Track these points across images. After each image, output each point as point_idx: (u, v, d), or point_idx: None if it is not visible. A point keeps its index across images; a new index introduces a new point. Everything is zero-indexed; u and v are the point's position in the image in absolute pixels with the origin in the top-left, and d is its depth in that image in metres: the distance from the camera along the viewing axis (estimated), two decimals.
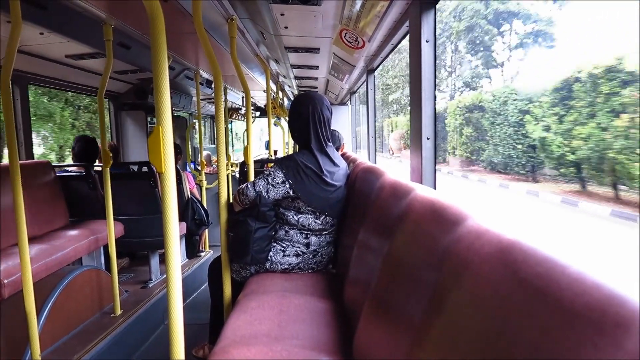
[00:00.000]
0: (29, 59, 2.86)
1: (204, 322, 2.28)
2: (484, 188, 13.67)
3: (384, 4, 1.97)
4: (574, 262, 0.56)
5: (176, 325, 1.09)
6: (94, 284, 2.52)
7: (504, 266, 0.65)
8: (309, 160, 1.90)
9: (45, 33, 2.28)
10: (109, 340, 2.28)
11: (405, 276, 1.03)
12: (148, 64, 3.24)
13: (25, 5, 1.73)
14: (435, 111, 1.77)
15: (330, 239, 2.03)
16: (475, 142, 16.12)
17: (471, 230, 0.80)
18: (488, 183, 14.12)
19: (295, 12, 2.30)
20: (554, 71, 17.10)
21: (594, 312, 0.48)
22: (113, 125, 4.63)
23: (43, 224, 2.65)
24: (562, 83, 10.38)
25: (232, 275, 2.05)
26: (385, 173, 1.64)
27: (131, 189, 3.08)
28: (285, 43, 3.06)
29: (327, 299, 1.72)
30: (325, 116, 1.95)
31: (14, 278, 1.93)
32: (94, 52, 2.82)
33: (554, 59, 21.08)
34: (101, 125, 2.42)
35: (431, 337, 0.80)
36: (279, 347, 1.30)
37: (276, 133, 7.15)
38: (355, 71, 3.81)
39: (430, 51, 1.74)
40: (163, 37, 1.02)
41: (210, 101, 6.23)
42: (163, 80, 1.02)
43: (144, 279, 3.25)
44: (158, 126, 1.02)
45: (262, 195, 1.89)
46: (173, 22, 2.29)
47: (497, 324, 0.62)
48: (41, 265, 2.15)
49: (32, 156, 3.22)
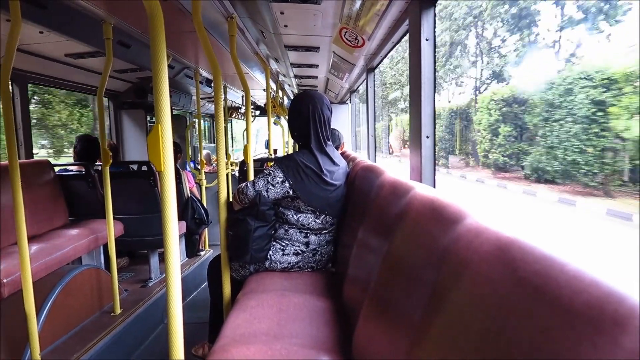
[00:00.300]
0: (29, 58, 2.86)
1: (204, 321, 2.28)
2: (537, 203, 10.50)
3: (384, 2, 1.97)
4: (572, 260, 0.56)
5: (176, 324, 1.09)
6: (94, 283, 2.53)
7: (502, 264, 0.65)
8: (309, 160, 1.90)
9: (45, 32, 2.28)
10: (109, 339, 2.28)
11: (405, 275, 1.03)
12: (148, 62, 3.24)
13: (25, 4, 1.73)
14: (435, 110, 1.77)
15: (330, 237, 2.03)
16: (516, 144, 13.19)
17: (470, 228, 0.80)
18: (539, 197, 10.96)
19: (295, 10, 2.29)
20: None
21: (593, 310, 0.48)
22: (112, 124, 4.63)
23: (42, 223, 2.65)
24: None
25: (232, 274, 2.05)
26: (385, 172, 1.64)
27: (131, 188, 3.08)
28: (285, 42, 3.06)
29: (327, 298, 1.72)
30: (326, 115, 1.95)
31: (14, 277, 1.93)
32: (93, 51, 2.82)
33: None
34: (100, 124, 2.42)
35: (430, 336, 0.80)
36: (278, 346, 1.30)
37: (276, 132, 7.14)
38: (355, 70, 3.81)
39: (430, 50, 1.74)
40: (162, 36, 1.02)
41: (210, 100, 6.22)
42: (162, 79, 1.02)
43: (143, 278, 3.26)
44: (157, 125, 1.02)
45: (261, 195, 1.89)
46: (172, 20, 2.29)
47: (496, 322, 0.62)
48: (41, 265, 2.15)
49: (31, 155, 3.22)
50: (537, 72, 17.81)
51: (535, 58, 18.83)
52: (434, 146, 1.76)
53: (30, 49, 2.73)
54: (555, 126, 10.57)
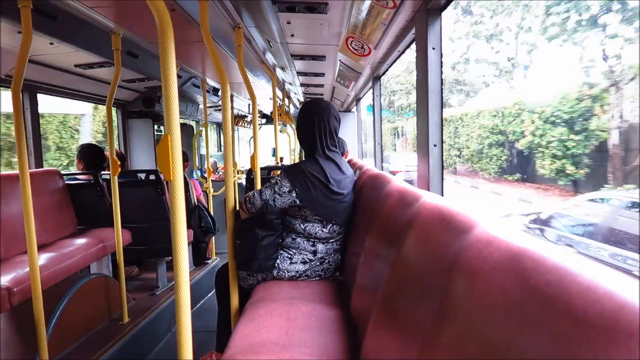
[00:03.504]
0: (39, 69, 2.90)
1: (211, 330, 2.28)
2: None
3: (390, 11, 1.98)
4: (584, 271, 0.55)
5: (184, 333, 1.09)
6: (102, 292, 2.54)
7: (514, 274, 0.65)
8: (316, 169, 1.90)
9: (55, 43, 2.32)
10: (117, 347, 2.29)
11: (414, 283, 1.03)
12: (156, 72, 3.27)
13: (36, 16, 1.76)
14: (442, 118, 1.77)
15: (337, 246, 2.03)
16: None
17: (480, 237, 0.79)
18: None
19: (301, 20, 2.31)
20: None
21: (607, 321, 0.47)
22: (120, 133, 4.67)
23: (52, 232, 2.66)
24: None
25: (239, 282, 2.05)
26: (392, 180, 1.63)
27: (139, 196, 3.10)
28: (292, 51, 3.08)
29: (335, 307, 1.71)
30: (332, 124, 1.96)
31: (23, 286, 1.95)
32: (102, 62, 2.85)
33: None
34: (109, 133, 2.45)
35: (440, 346, 0.80)
36: (287, 355, 1.30)
37: (282, 140, 7.16)
38: (361, 78, 3.82)
39: (437, 58, 1.75)
40: (171, 45, 1.03)
41: (216, 109, 6.26)
42: (172, 88, 1.03)
43: (151, 286, 3.26)
44: (167, 135, 1.03)
45: (268, 204, 1.90)
46: (180, 30, 2.32)
47: (508, 332, 0.62)
48: (50, 273, 2.16)
49: (41, 164, 3.25)
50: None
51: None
52: (441, 154, 1.76)
53: (40, 59, 2.77)
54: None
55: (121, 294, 2.52)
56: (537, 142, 11.07)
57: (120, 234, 2.48)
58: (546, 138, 10.76)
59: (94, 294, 2.45)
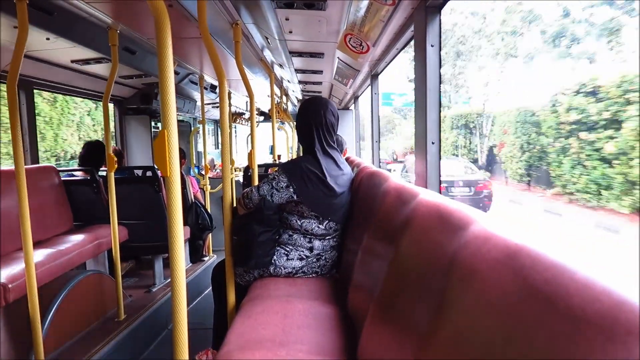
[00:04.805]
0: (35, 64, 2.88)
1: (208, 327, 2.27)
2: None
3: (389, 8, 1.97)
4: (582, 268, 0.55)
5: (180, 330, 1.09)
6: (98, 289, 2.53)
7: (512, 272, 0.64)
8: (313, 165, 1.90)
9: (52, 38, 2.30)
10: (113, 344, 2.28)
11: (412, 281, 1.02)
12: (153, 68, 3.26)
13: (32, 11, 1.74)
14: (440, 116, 1.77)
15: (334, 243, 2.02)
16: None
17: (478, 235, 0.79)
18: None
19: (300, 16, 2.30)
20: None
21: (605, 319, 0.47)
22: (117, 129, 4.65)
23: (47, 228, 2.65)
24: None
25: (236, 279, 2.04)
26: (390, 177, 1.63)
27: (135, 193, 3.09)
28: (290, 48, 3.07)
29: (331, 304, 1.71)
30: (330, 121, 1.96)
31: (19, 282, 1.94)
32: (99, 57, 2.84)
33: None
34: (106, 129, 2.43)
35: (438, 344, 0.79)
36: (283, 352, 1.29)
37: (280, 137, 7.15)
38: (359, 76, 3.81)
39: (436, 56, 1.74)
40: (169, 40, 1.02)
41: (214, 106, 6.24)
42: (169, 85, 1.03)
43: (147, 284, 3.25)
44: (164, 130, 1.02)
45: (266, 199, 1.90)
46: (178, 26, 2.30)
47: (505, 330, 0.61)
48: (45, 270, 2.15)
49: (37, 160, 3.23)
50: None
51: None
52: (439, 152, 1.76)
53: (36, 55, 2.75)
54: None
55: (117, 291, 2.51)
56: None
57: (117, 230, 2.47)
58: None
59: (90, 291, 2.44)
